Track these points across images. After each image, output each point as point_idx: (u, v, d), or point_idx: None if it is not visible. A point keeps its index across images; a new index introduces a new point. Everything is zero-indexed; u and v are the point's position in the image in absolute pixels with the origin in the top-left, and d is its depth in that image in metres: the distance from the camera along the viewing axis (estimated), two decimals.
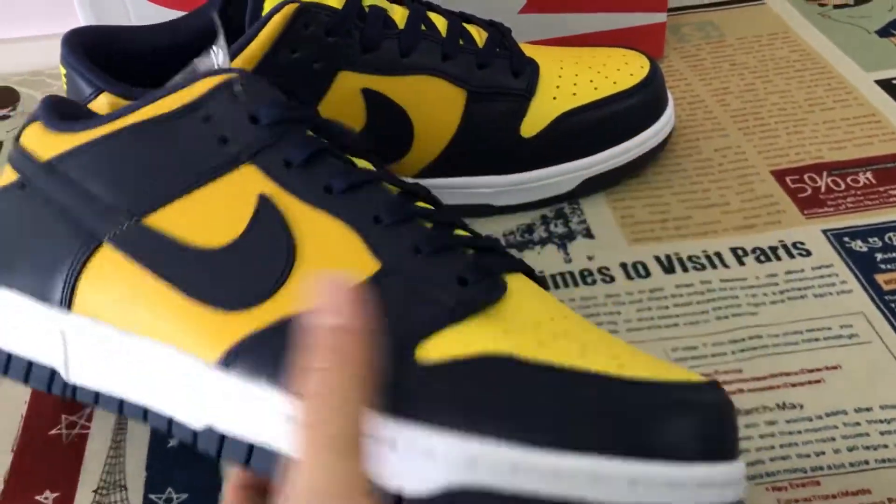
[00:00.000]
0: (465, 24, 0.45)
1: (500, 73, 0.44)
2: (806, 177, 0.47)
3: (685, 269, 0.43)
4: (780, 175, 0.48)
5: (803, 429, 0.35)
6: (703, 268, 0.43)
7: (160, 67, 0.46)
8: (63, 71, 0.42)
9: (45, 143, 0.33)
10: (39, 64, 0.65)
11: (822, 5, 0.62)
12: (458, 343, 0.28)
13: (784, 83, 0.55)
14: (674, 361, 0.38)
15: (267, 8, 0.40)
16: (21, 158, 0.34)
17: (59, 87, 0.63)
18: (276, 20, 0.39)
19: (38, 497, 0.36)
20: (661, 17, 0.56)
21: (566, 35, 0.56)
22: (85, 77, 0.41)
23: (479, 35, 0.45)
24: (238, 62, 0.40)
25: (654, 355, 0.31)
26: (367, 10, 0.43)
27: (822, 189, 0.46)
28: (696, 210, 0.46)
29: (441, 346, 0.28)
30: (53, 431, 0.38)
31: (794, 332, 0.39)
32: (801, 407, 0.36)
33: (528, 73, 0.45)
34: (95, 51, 0.43)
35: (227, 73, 0.33)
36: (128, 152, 0.32)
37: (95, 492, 0.36)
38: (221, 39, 0.37)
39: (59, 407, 0.39)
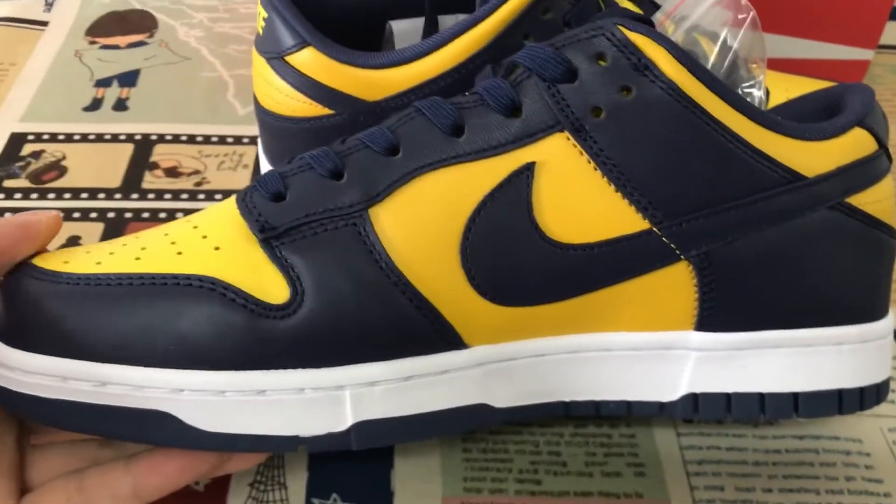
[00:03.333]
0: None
1: None
2: None
3: None
4: None
5: None
6: None
7: (347, 23, 0.42)
8: (263, 14, 0.38)
9: None
10: None
11: None
12: None
13: None
14: (892, 444, 0.35)
15: None
16: None
17: (201, 20, 0.60)
18: (518, 0, 0.36)
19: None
20: (867, 55, 0.52)
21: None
22: (290, 26, 0.37)
23: None
24: (461, 42, 0.36)
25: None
26: (603, 3, 0.39)
27: None
28: None
29: None
30: None
31: None
32: None
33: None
34: None
35: None
36: None
37: (251, 485, 0.33)
38: None
39: None
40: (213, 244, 0.28)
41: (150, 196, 0.45)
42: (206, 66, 0.55)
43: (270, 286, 0.27)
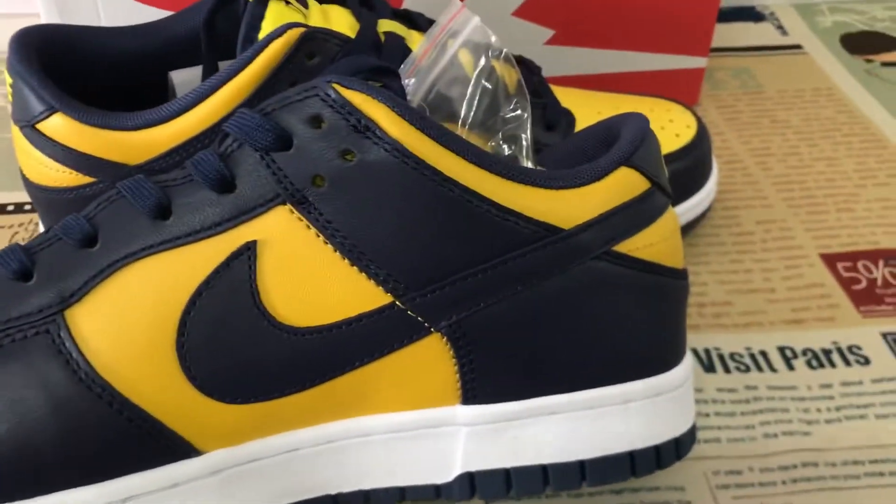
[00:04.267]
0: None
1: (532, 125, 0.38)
2: (860, 265, 0.42)
3: (727, 370, 0.37)
4: (830, 260, 0.42)
5: None
6: (748, 369, 0.37)
7: (128, 77, 0.39)
8: (9, 80, 0.35)
9: None
10: None
11: (868, 61, 0.57)
12: None
13: (831, 149, 0.49)
14: (715, 488, 0.32)
15: (265, 29, 0.33)
16: None
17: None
18: (276, 46, 0.32)
19: None
20: (700, 62, 0.50)
21: (594, 73, 0.50)
22: (36, 92, 0.34)
23: None
24: (222, 94, 0.33)
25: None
26: (382, 37, 0.36)
27: (879, 282, 0.41)
28: (737, 295, 0.40)
29: None
30: None
31: (855, 461, 0.33)
32: None
33: (563, 126, 0.38)
34: (51, 56, 0.36)
35: None
36: None
37: None
38: None
39: None
40: None
41: None
42: (9, 126, 0.51)
43: None
